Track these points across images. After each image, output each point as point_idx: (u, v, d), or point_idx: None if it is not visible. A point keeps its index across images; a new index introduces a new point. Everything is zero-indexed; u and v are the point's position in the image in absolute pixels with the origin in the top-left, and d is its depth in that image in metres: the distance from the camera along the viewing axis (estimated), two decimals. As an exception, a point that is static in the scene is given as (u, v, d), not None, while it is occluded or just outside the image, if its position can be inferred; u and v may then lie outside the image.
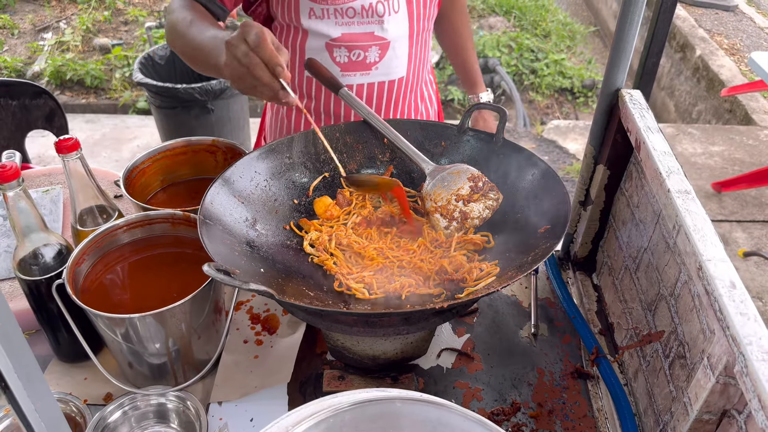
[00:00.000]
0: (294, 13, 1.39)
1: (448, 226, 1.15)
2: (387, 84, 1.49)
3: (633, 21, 1.06)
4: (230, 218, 1.08)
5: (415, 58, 1.51)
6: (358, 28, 1.40)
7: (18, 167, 0.99)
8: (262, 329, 1.24)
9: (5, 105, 2.23)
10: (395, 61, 1.46)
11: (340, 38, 1.40)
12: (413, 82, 1.54)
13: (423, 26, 1.49)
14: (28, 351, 0.71)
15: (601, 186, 1.24)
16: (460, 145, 1.26)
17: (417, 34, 1.47)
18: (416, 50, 1.50)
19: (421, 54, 1.53)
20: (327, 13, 1.38)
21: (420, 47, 1.51)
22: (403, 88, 1.52)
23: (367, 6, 1.37)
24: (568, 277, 1.39)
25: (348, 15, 1.38)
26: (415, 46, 1.49)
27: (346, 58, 1.43)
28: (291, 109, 1.57)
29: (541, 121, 4.91)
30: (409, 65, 1.49)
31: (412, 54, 1.49)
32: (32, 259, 1.07)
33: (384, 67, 1.46)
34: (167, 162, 1.37)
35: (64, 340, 1.17)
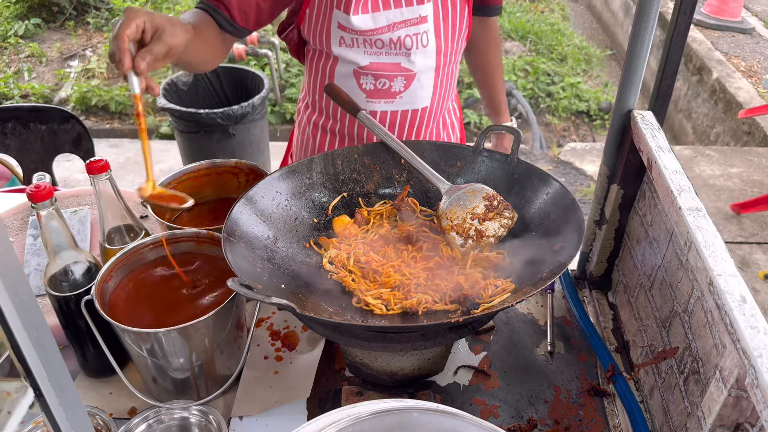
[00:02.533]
0: (326, 40, 1.44)
1: (463, 244, 1.17)
2: (410, 113, 1.52)
3: (644, 43, 1.09)
4: (253, 236, 1.12)
5: (440, 88, 1.54)
6: (386, 59, 1.44)
7: (51, 188, 1.04)
8: (282, 345, 1.27)
9: (35, 129, 2.31)
10: (420, 91, 1.49)
11: (368, 66, 1.44)
12: (437, 111, 1.58)
13: (450, 59, 1.52)
14: (61, 362, 0.75)
15: (615, 205, 1.26)
16: (475, 166, 1.29)
17: (444, 66, 1.50)
18: (442, 81, 1.53)
19: (446, 84, 1.56)
20: (356, 42, 1.42)
21: (446, 78, 1.54)
22: (426, 116, 1.55)
23: (395, 39, 1.41)
24: (584, 295, 1.40)
25: (377, 46, 1.42)
26: (442, 77, 1.52)
27: (372, 86, 1.47)
28: (316, 128, 1.61)
29: (557, 144, 4.93)
30: (433, 96, 1.53)
31: (437, 85, 1.52)
32: (62, 276, 1.11)
33: (409, 97, 1.49)
34: (192, 183, 1.42)
35: (90, 355, 1.20)
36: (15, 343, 0.73)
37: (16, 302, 0.72)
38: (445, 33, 1.46)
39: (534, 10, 6.96)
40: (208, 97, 3.78)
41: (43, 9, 6.16)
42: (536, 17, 6.59)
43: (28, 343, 0.73)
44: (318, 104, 1.59)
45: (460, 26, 1.49)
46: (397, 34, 1.41)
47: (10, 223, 1.52)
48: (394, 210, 1.28)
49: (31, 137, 2.32)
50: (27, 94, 5.17)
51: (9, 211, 1.55)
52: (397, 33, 1.41)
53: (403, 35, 1.41)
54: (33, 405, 0.78)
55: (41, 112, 2.31)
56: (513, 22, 6.27)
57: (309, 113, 1.64)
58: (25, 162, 2.34)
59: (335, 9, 1.39)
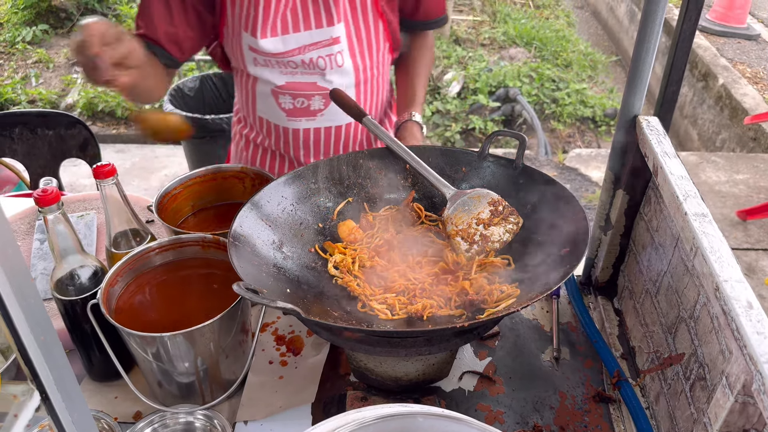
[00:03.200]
0: (241, 59, 1.44)
1: (468, 249, 1.17)
2: (334, 129, 1.52)
3: (649, 49, 1.09)
4: (258, 241, 1.12)
5: (365, 103, 1.53)
6: (302, 78, 1.44)
7: (58, 192, 1.05)
8: (287, 350, 1.27)
9: (42, 135, 2.32)
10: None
11: (285, 86, 1.44)
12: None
13: (371, 74, 1.51)
14: (67, 366, 0.75)
15: (621, 211, 1.26)
16: (480, 171, 1.29)
17: (365, 82, 1.50)
18: (366, 96, 1.52)
19: (372, 99, 1.55)
20: (270, 63, 1.42)
21: (370, 93, 1.53)
22: (351, 132, 1.55)
23: (308, 61, 1.41)
24: (590, 301, 1.40)
25: (291, 66, 1.42)
26: (365, 93, 1.51)
27: (291, 105, 1.47)
28: (248, 142, 1.64)
29: (562, 150, 4.92)
30: None
31: (360, 101, 1.51)
32: (69, 280, 1.12)
33: (330, 114, 1.49)
34: (198, 188, 1.42)
35: (96, 359, 1.21)
36: (22, 347, 0.74)
37: (24, 306, 0.73)
38: (361, 52, 1.46)
39: (539, 16, 6.97)
40: (214, 102, 3.80)
41: (51, 15, 6.20)
42: (541, 24, 6.60)
43: (35, 346, 0.74)
44: (247, 119, 1.60)
45: (377, 43, 1.48)
46: (309, 55, 1.41)
47: (17, 228, 1.52)
48: (399, 215, 1.28)
49: (38, 142, 2.34)
50: (34, 99, 5.21)
51: (16, 215, 1.56)
52: (308, 55, 1.41)
53: (316, 57, 1.42)
54: (39, 408, 0.79)
55: (48, 118, 2.33)
56: (518, 28, 6.28)
57: (241, 127, 1.66)
58: (32, 167, 2.36)
59: (243, 31, 1.39)
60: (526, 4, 7.19)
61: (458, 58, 5.68)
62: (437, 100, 5.24)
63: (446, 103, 5.18)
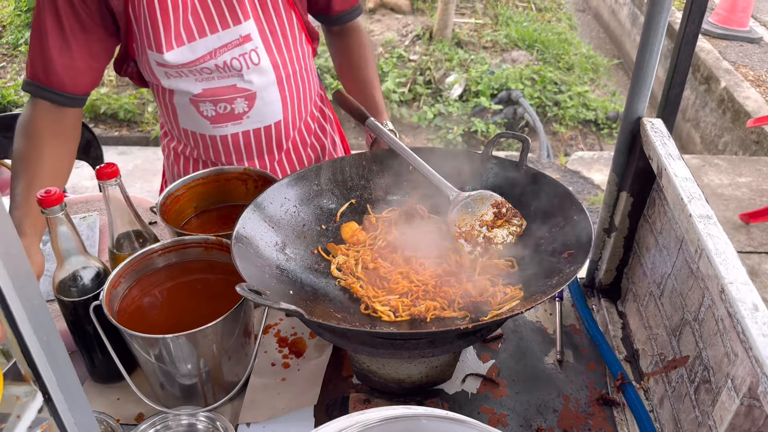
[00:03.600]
0: (153, 75, 1.40)
1: (472, 251, 1.17)
2: (264, 129, 1.48)
3: (653, 50, 1.09)
4: (261, 242, 1.12)
5: (291, 99, 1.49)
6: (220, 83, 1.39)
7: (61, 193, 1.05)
8: (290, 352, 1.27)
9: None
10: (267, 107, 1.45)
11: (202, 94, 1.40)
12: (294, 121, 1.54)
13: (293, 70, 1.47)
14: (70, 366, 0.75)
15: (624, 213, 1.25)
16: (483, 173, 1.29)
17: (287, 78, 1.46)
18: (291, 92, 1.48)
19: (299, 94, 1.51)
20: (183, 73, 1.38)
21: (296, 88, 1.50)
22: (284, 129, 1.51)
23: (222, 64, 1.36)
24: (593, 304, 1.40)
25: (205, 72, 1.38)
26: (290, 88, 1.47)
27: (213, 112, 1.43)
28: (177, 155, 1.60)
29: (564, 153, 4.92)
30: (285, 108, 1.49)
31: (285, 96, 1.47)
32: (71, 281, 1.12)
33: (256, 115, 1.45)
34: (201, 189, 1.42)
35: (98, 361, 1.20)
36: (25, 347, 0.73)
37: (27, 306, 0.72)
38: (278, 46, 1.42)
39: (541, 19, 6.97)
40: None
41: (54, 18, 6.21)
42: (543, 26, 6.60)
43: (38, 347, 0.73)
44: (172, 132, 1.57)
45: (293, 35, 1.44)
46: (221, 59, 1.36)
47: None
48: (402, 217, 1.27)
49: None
50: (37, 101, 5.22)
51: (19, 216, 1.56)
52: (221, 58, 1.36)
53: (229, 59, 1.37)
54: (42, 409, 0.78)
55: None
56: (520, 31, 6.29)
57: (168, 141, 1.62)
58: (34, 169, 2.35)
59: (147, 50, 1.35)
60: (528, 7, 7.19)
61: (460, 60, 5.68)
62: (439, 102, 5.24)
63: (448, 106, 5.18)
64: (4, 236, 0.66)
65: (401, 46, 5.93)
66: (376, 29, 6.24)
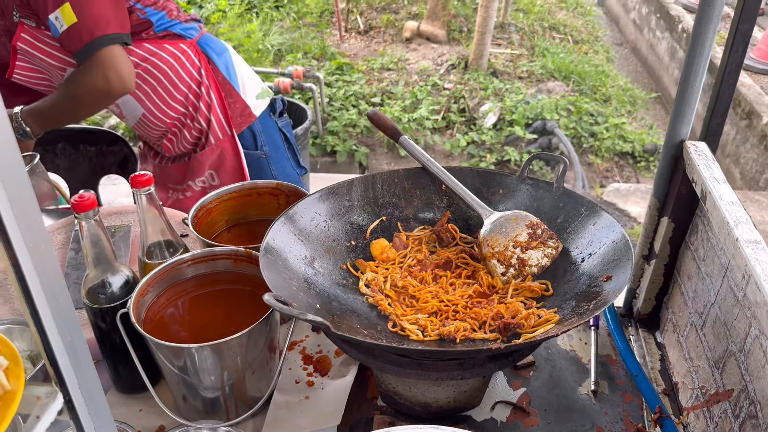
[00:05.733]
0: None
1: (505, 273, 1.14)
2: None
3: (698, 71, 1.06)
4: (290, 255, 1.10)
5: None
6: None
7: (94, 198, 1.05)
8: (314, 370, 1.24)
9: (84, 150, 2.37)
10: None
11: None
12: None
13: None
14: (92, 369, 0.74)
15: (665, 239, 1.21)
16: (518, 193, 1.26)
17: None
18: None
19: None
20: None
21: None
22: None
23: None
24: (631, 334, 1.34)
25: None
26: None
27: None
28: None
29: (600, 184, 4.84)
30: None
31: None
32: (100, 288, 1.11)
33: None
34: (233, 203, 1.42)
35: (123, 370, 1.20)
36: (48, 346, 0.73)
37: (53, 304, 0.72)
38: None
39: (578, 51, 6.95)
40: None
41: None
42: (580, 58, 6.57)
43: (62, 347, 0.73)
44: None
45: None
46: None
47: (54, 238, 1.54)
48: (433, 236, 1.25)
49: (79, 158, 2.38)
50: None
51: (53, 225, 1.58)
52: None
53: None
54: (62, 412, 0.77)
55: (91, 134, 2.38)
56: (556, 62, 6.27)
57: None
58: (72, 182, 2.40)
59: None
60: (565, 39, 7.18)
61: (495, 89, 5.68)
62: (472, 130, 5.23)
63: (481, 134, 5.16)
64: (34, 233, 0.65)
65: (436, 74, 5.95)
66: (411, 58, 6.29)
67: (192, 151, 1.90)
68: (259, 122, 1.92)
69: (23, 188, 0.58)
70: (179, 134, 1.88)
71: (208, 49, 1.83)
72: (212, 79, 1.83)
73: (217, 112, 1.84)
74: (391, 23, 7.02)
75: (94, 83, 1.60)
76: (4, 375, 0.69)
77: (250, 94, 1.91)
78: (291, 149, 2.07)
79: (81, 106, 1.67)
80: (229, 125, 1.86)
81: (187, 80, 1.79)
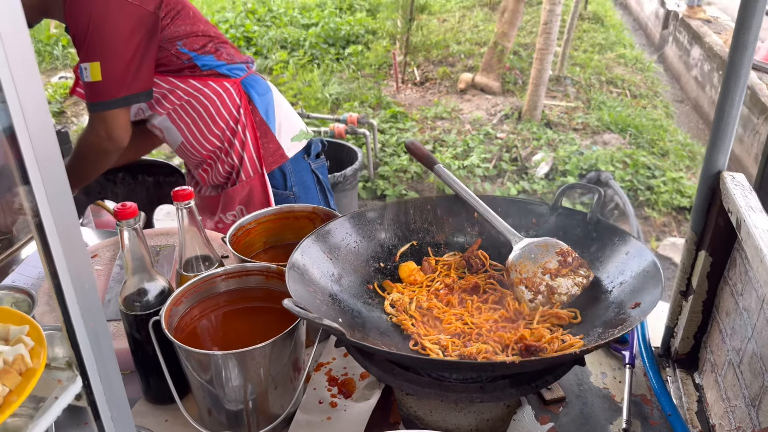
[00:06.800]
0: None
1: (533, 299, 1.12)
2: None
3: (734, 100, 1.04)
4: (317, 271, 1.12)
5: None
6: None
7: (136, 208, 1.11)
8: (339, 392, 1.24)
9: (142, 180, 2.49)
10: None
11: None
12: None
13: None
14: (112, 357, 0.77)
15: (703, 274, 1.17)
16: (551, 223, 1.25)
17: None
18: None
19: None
20: None
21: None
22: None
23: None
24: (668, 375, 1.28)
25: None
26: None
27: None
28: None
29: (656, 238, 4.70)
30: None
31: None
32: (137, 296, 1.16)
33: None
34: (271, 225, 1.46)
35: (153, 381, 1.23)
36: (71, 330, 0.76)
37: (77, 287, 0.75)
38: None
39: (635, 105, 6.88)
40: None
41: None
42: (637, 112, 6.50)
43: (84, 331, 0.76)
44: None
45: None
46: None
47: (102, 254, 1.62)
48: (463, 261, 1.25)
49: (137, 187, 2.50)
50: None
51: (102, 243, 1.66)
52: None
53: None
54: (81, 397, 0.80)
55: (150, 166, 2.50)
56: (613, 115, 6.22)
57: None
58: (129, 210, 2.52)
59: None
60: (623, 93, 7.13)
61: (548, 140, 5.66)
62: (524, 179, 5.21)
63: (533, 184, 5.12)
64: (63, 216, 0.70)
65: (489, 124, 6.00)
66: (465, 108, 6.37)
67: (224, 185, 1.99)
68: (290, 163, 2.00)
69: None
70: (213, 166, 1.97)
71: (251, 90, 1.94)
72: (249, 119, 1.92)
73: (250, 151, 1.92)
74: (446, 75, 7.16)
75: (92, 140, 1.77)
76: (28, 354, 0.73)
77: (286, 136, 1.99)
78: (323, 191, 2.13)
79: (85, 162, 1.83)
80: (260, 164, 1.94)
81: (225, 117, 1.89)
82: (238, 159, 1.92)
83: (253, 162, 1.93)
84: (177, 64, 1.80)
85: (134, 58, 1.68)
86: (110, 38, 1.63)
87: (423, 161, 1.41)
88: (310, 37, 8.10)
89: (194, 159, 2.00)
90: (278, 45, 8.05)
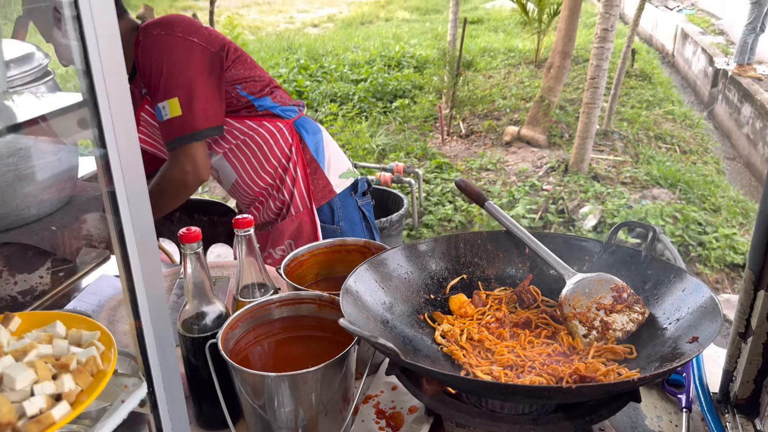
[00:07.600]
0: None
1: (587, 335, 1.11)
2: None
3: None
4: (369, 298, 1.14)
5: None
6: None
7: (199, 232, 1.16)
8: (386, 425, 1.24)
9: (197, 219, 2.58)
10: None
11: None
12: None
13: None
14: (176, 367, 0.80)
15: (762, 314, 1.14)
16: (604, 260, 1.25)
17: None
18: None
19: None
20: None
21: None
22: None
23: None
24: (728, 421, 1.24)
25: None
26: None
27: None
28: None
29: (709, 295, 4.55)
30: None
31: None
32: (195, 319, 1.20)
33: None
34: (323, 257, 1.50)
35: (206, 406, 1.25)
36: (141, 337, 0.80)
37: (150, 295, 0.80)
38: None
39: (685, 160, 6.78)
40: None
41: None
42: (687, 168, 6.41)
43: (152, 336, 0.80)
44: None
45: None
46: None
47: (161, 283, 1.67)
48: (514, 296, 1.25)
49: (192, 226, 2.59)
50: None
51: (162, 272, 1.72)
52: None
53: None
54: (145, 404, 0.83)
55: (206, 205, 2.59)
56: (662, 169, 6.14)
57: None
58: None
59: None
60: (672, 149, 7.06)
61: (596, 193, 5.61)
62: (571, 232, 5.15)
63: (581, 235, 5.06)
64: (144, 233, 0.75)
65: (534, 176, 6.00)
66: (510, 160, 6.40)
67: (275, 221, 2.04)
68: (338, 199, 2.05)
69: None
70: (265, 203, 2.04)
71: (302, 130, 2.02)
72: (300, 157, 1.99)
73: (300, 187, 1.99)
74: (492, 128, 7.24)
75: (176, 176, 1.82)
76: (100, 358, 0.76)
77: (335, 173, 2.06)
78: (369, 228, 2.16)
79: (164, 198, 1.89)
80: (309, 199, 2.00)
81: (278, 155, 1.96)
82: (288, 195, 1.98)
83: (302, 197, 1.99)
84: (236, 105, 1.90)
85: (208, 90, 1.77)
86: (186, 73, 1.73)
87: (473, 198, 1.43)
88: (359, 92, 8.33)
89: (247, 197, 2.07)
90: (328, 99, 8.31)
